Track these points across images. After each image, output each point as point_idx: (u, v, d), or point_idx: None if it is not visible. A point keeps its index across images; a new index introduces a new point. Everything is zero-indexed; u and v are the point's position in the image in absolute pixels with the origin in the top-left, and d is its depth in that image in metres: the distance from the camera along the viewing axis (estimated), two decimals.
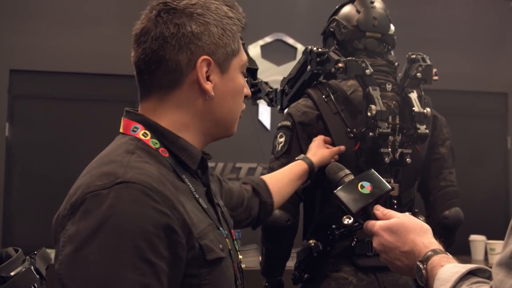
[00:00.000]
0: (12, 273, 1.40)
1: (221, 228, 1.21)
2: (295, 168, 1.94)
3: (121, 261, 0.98)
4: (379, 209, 1.29)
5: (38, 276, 1.45)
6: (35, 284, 1.44)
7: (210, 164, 4.55)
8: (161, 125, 1.19)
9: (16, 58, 4.46)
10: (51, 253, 3.91)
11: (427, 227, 1.24)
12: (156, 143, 1.17)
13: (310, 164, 1.96)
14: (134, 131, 1.18)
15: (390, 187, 1.33)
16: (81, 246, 1.00)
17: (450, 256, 1.16)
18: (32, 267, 1.44)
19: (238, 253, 1.30)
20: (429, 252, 1.15)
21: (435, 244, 1.19)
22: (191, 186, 1.17)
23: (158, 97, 1.20)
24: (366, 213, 1.29)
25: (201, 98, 1.20)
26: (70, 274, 1.01)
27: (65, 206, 1.07)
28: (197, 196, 1.17)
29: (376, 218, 1.28)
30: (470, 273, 1.07)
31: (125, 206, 1.01)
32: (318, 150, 2.03)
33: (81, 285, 0.99)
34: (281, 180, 1.87)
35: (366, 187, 1.30)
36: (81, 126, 4.39)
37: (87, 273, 0.99)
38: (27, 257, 1.48)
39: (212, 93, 1.20)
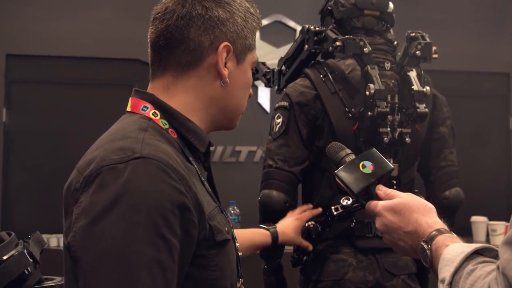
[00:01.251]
0: (4, 257, 1.38)
1: (224, 212, 1.23)
2: (258, 237, 1.94)
3: (137, 235, 0.99)
4: (381, 189, 1.27)
5: (31, 260, 1.44)
6: (28, 268, 1.42)
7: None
8: (171, 106, 1.20)
9: (13, 42, 4.44)
10: (49, 238, 3.92)
11: (431, 206, 1.22)
12: (166, 124, 1.18)
13: (274, 241, 1.96)
14: (144, 110, 1.19)
15: (392, 166, 1.31)
16: (97, 219, 1.00)
17: (455, 235, 1.14)
18: (25, 251, 1.42)
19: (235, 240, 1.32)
20: (434, 232, 1.14)
21: (440, 224, 1.17)
22: (197, 168, 1.19)
23: (174, 75, 1.21)
24: (368, 193, 1.27)
25: (216, 83, 1.22)
26: (84, 246, 1.01)
27: (77, 178, 1.07)
28: (203, 179, 1.19)
29: (378, 198, 1.26)
30: (476, 253, 1.05)
31: (143, 181, 1.02)
32: (289, 232, 2.00)
33: (95, 257, 1.00)
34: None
35: (367, 167, 1.28)
36: (78, 110, 4.37)
37: (103, 245, 0.99)
38: (20, 241, 1.46)
39: (228, 80, 1.22)
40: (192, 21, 1.18)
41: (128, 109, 1.21)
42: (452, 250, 1.07)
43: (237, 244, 1.29)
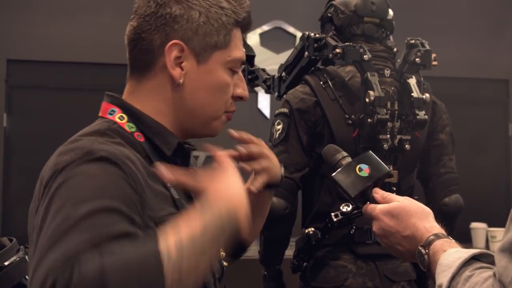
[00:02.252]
0: (6, 263, 1.38)
1: None
2: None
3: (81, 199, 0.93)
4: (378, 192, 1.25)
5: None
6: None
7: (210, 153, 4.60)
8: (137, 108, 1.16)
9: (13, 47, 4.44)
10: None
11: (428, 210, 1.21)
12: (132, 127, 1.14)
13: None
14: (111, 114, 1.15)
15: (389, 169, 1.31)
16: (49, 203, 0.95)
17: (453, 240, 1.13)
18: (26, 257, 1.42)
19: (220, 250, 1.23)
20: (431, 237, 1.13)
21: (437, 228, 1.16)
22: None
23: (136, 78, 1.18)
24: (365, 197, 1.26)
25: (170, 84, 1.15)
26: (41, 218, 0.95)
27: (39, 190, 1.02)
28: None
29: (375, 201, 1.25)
30: (473, 258, 1.05)
31: (88, 168, 0.97)
32: None
33: (49, 218, 0.93)
34: None
35: (364, 170, 1.26)
36: (79, 115, 4.33)
37: (52, 214, 0.93)
38: (21, 246, 1.46)
39: (180, 80, 1.14)
40: (145, 20, 1.13)
41: (99, 114, 1.18)
42: (450, 255, 1.07)
43: (222, 253, 1.21)
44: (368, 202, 1.26)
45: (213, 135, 1.24)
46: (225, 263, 1.26)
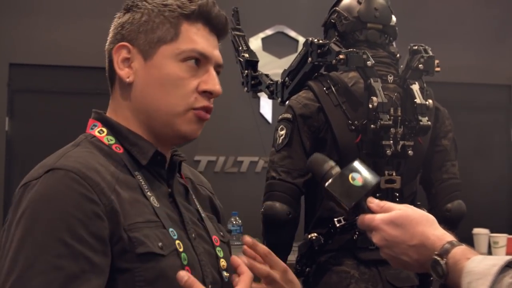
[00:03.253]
0: None
1: (170, 229, 1.13)
2: None
3: (34, 241, 0.98)
4: (373, 202, 1.19)
5: None
6: None
7: (212, 158, 4.61)
8: (115, 120, 1.19)
9: (16, 52, 4.45)
10: None
11: (431, 217, 1.16)
12: (111, 140, 1.17)
13: None
14: (92, 129, 1.20)
15: (379, 177, 1.27)
16: (7, 234, 1.02)
17: (470, 247, 1.09)
18: None
19: (221, 260, 1.23)
20: (446, 245, 1.08)
21: (449, 236, 1.12)
22: (143, 182, 1.14)
23: (110, 91, 1.23)
24: (358, 206, 1.20)
25: (125, 87, 1.19)
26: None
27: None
28: (148, 193, 1.13)
29: (369, 210, 1.19)
30: (507, 266, 1.00)
31: (48, 189, 1.02)
32: None
33: (4, 266, 0.99)
34: None
35: (357, 179, 1.20)
36: (81, 120, 4.33)
37: (5, 252, 1.00)
38: None
39: (127, 79, 1.17)
40: (108, 35, 1.22)
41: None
42: (480, 262, 1.02)
43: (222, 264, 1.21)
44: (361, 213, 1.20)
45: (187, 138, 1.20)
46: (226, 274, 1.23)
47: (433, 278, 1.11)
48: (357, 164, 1.24)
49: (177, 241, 1.12)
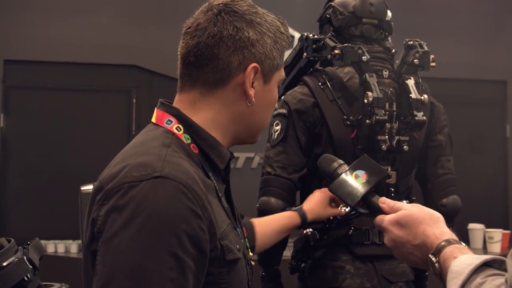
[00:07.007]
0: (4, 263, 1.38)
1: (237, 228, 1.23)
2: (287, 220, 1.90)
3: (150, 253, 1.01)
4: (385, 202, 1.23)
5: (31, 267, 1.43)
6: (28, 275, 1.42)
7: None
8: (194, 121, 1.22)
9: (11, 48, 4.45)
10: (47, 244, 3.90)
11: (438, 215, 1.17)
12: (188, 139, 1.20)
13: (304, 220, 1.91)
14: (168, 124, 1.21)
15: (387, 171, 1.29)
16: (114, 235, 1.03)
17: (464, 245, 1.09)
18: (24, 257, 1.42)
19: (249, 250, 1.33)
20: (442, 243, 1.09)
21: (448, 234, 1.12)
22: (216, 183, 1.20)
23: (201, 91, 1.23)
24: (367, 202, 1.24)
25: (242, 102, 1.24)
26: (102, 259, 1.05)
27: (99, 190, 1.10)
28: (220, 194, 1.20)
29: (379, 207, 1.22)
30: (485, 265, 1.00)
31: (160, 201, 1.04)
32: (317, 207, 1.93)
33: (110, 271, 1.02)
34: (269, 228, 1.86)
35: (361, 176, 1.25)
36: (76, 116, 4.37)
37: (117, 261, 1.02)
38: (20, 247, 1.46)
39: (254, 100, 1.23)
40: (223, 41, 1.20)
41: (153, 120, 1.24)
42: (461, 262, 1.02)
43: (250, 254, 1.30)
44: (371, 209, 1.23)
45: (255, 143, 1.35)
46: (252, 263, 1.33)
47: (428, 273, 1.11)
48: (363, 160, 1.29)
49: (241, 240, 1.23)
